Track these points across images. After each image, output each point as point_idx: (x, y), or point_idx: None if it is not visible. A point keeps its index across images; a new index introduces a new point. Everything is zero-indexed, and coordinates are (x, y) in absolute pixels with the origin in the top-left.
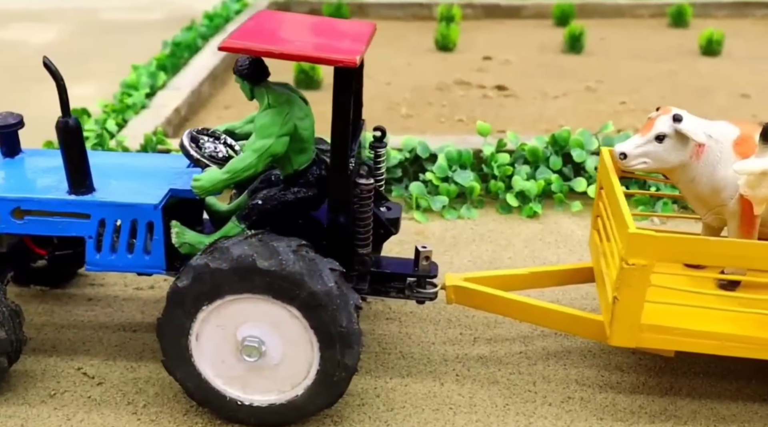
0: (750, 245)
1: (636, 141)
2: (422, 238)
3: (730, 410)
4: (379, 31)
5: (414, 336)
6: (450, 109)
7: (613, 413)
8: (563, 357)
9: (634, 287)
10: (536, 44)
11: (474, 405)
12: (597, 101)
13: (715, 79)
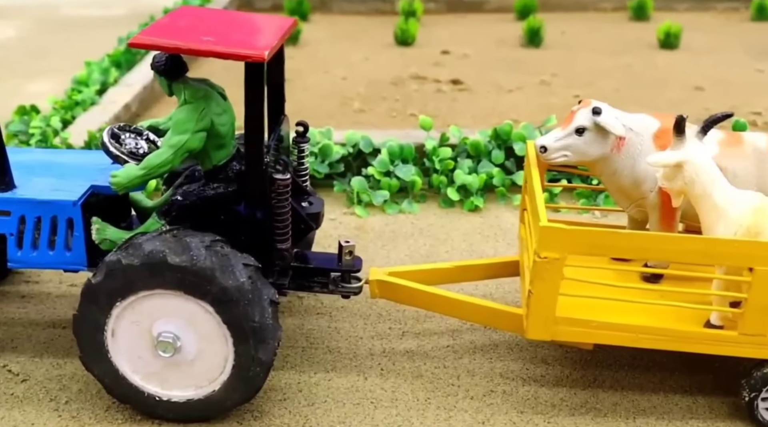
0: (659, 237)
1: (556, 134)
2: (361, 232)
3: (650, 401)
4: (340, 26)
5: (343, 331)
6: (403, 103)
7: (534, 406)
8: (490, 351)
9: (547, 281)
10: (496, 38)
11: (395, 399)
12: (550, 95)
13: (670, 72)
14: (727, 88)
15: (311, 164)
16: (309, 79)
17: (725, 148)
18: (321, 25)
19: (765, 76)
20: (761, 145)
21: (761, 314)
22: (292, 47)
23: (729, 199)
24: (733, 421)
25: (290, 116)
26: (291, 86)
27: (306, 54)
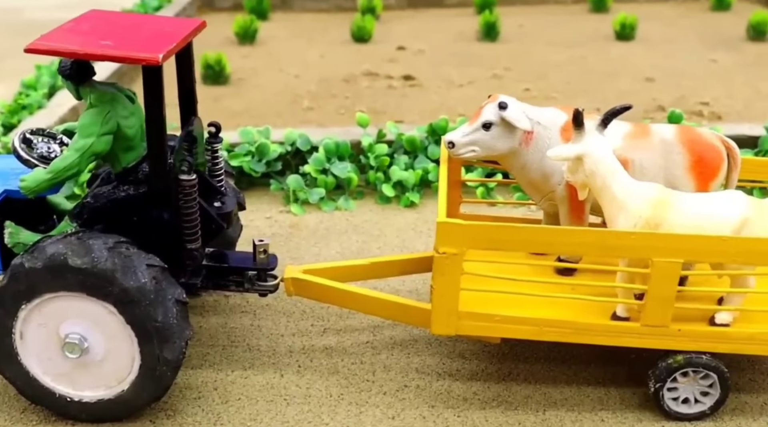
0: (555, 231)
1: (464, 130)
2: (295, 230)
3: (563, 394)
4: (300, 24)
5: (264, 329)
6: (352, 100)
7: (445, 401)
8: (408, 346)
9: (447, 276)
10: (453, 33)
11: (309, 396)
12: (501, 89)
13: (623, 63)
14: (678, 79)
15: (247, 163)
16: (262, 78)
17: (632, 140)
18: (281, 23)
19: (718, 66)
20: (668, 136)
21: (662, 305)
22: (249, 46)
23: (628, 192)
24: (642, 411)
25: (239, 115)
26: (243, 85)
27: (262, 52)
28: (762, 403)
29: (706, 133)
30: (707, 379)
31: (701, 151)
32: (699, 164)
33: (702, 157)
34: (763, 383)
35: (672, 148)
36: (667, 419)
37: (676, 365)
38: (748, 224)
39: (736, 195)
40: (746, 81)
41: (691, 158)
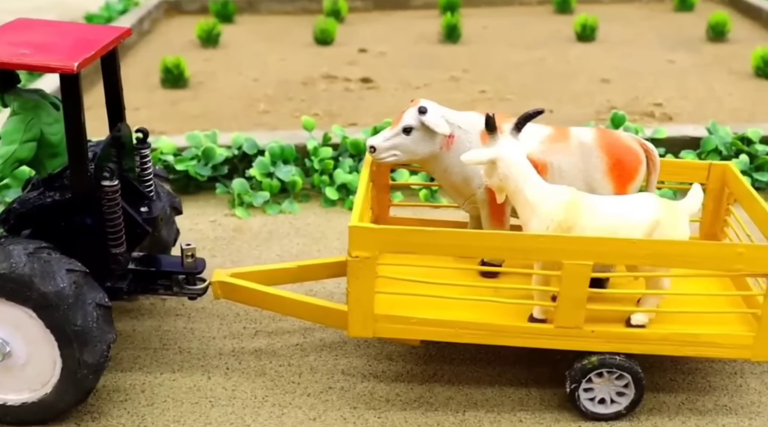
0: (465, 234)
1: (385, 134)
2: (238, 233)
3: (484, 395)
4: (265, 27)
5: (197, 331)
6: (308, 103)
7: (368, 402)
8: (337, 348)
9: (361, 279)
10: (416, 35)
11: (234, 398)
12: (457, 91)
13: (581, 64)
14: (634, 80)
15: (193, 167)
16: (221, 81)
17: (551, 143)
18: (246, 26)
19: (675, 66)
20: (587, 139)
21: (574, 307)
22: (211, 49)
23: (541, 195)
24: (560, 412)
25: (195, 119)
26: (202, 89)
27: (224, 56)
28: (680, 403)
29: (624, 136)
30: (622, 379)
31: (619, 155)
32: (617, 167)
33: (620, 160)
34: (683, 382)
35: (590, 151)
36: (584, 419)
37: (590, 366)
38: (660, 226)
39: (648, 198)
40: (701, 82)
41: (609, 161)
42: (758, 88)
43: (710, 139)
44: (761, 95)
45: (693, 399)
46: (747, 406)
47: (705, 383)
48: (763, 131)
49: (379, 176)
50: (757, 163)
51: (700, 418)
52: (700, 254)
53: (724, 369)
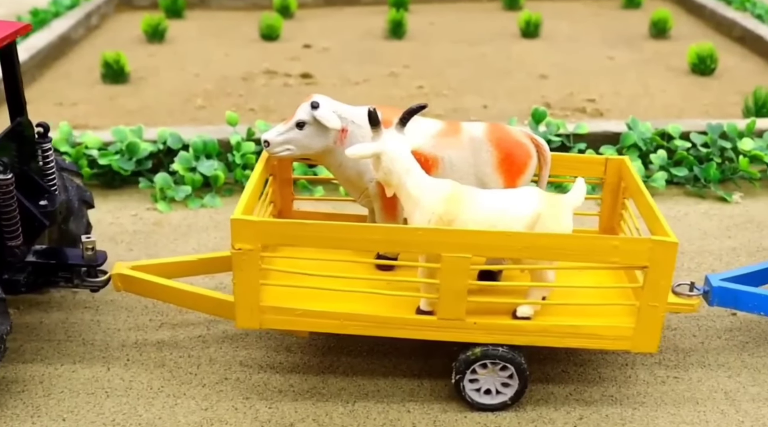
0: (344, 227)
1: (279, 129)
2: (158, 227)
3: (377, 386)
4: (214, 23)
5: (103, 323)
6: (246, 99)
7: (261, 393)
8: (238, 340)
9: (245, 271)
10: (362, 31)
11: (130, 388)
12: (395, 86)
13: (521, 61)
14: (571, 76)
15: (116, 162)
16: (162, 77)
17: (443, 138)
18: (195, 21)
19: (614, 63)
20: (477, 134)
21: (455, 299)
22: (157, 45)
23: (422, 189)
24: (449, 402)
25: (132, 114)
26: (142, 84)
27: (169, 51)
28: (568, 393)
29: (514, 131)
30: (506, 370)
31: (509, 149)
32: (506, 162)
33: (509, 155)
34: (573, 374)
35: (481, 145)
36: (470, 409)
37: (473, 357)
38: (541, 219)
39: (530, 191)
40: (637, 78)
41: (499, 156)
42: (692, 84)
43: (629, 134)
44: (693, 91)
45: (581, 390)
46: (633, 396)
47: (595, 374)
48: (684, 127)
49: (281, 170)
50: (676, 159)
51: (585, 408)
52: (576, 247)
53: (616, 360)
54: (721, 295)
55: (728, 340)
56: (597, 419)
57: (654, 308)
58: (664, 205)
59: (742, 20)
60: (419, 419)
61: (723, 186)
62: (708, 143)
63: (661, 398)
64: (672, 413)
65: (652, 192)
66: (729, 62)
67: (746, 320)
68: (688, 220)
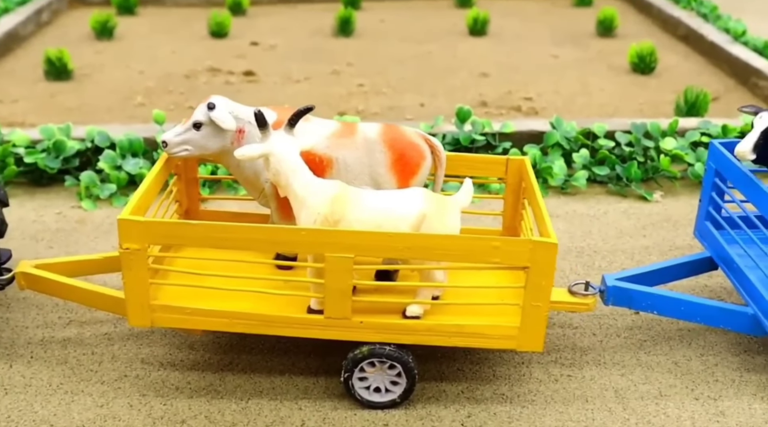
0: (227, 227)
1: (177, 130)
2: (80, 225)
3: (272, 383)
4: (165, 19)
5: (12, 321)
6: (186, 96)
7: (158, 390)
8: (143, 337)
9: (133, 270)
10: (312, 28)
11: (29, 385)
12: (336, 84)
13: (465, 59)
14: (512, 74)
15: (42, 160)
16: (106, 74)
17: (338, 139)
18: (147, 18)
19: (557, 61)
20: (371, 135)
21: (340, 298)
22: (106, 42)
23: (309, 189)
24: (341, 400)
25: (71, 112)
26: (85, 81)
27: (117, 48)
28: (460, 391)
29: (409, 132)
30: (394, 369)
31: (402, 150)
32: (399, 162)
33: (403, 155)
34: (468, 372)
35: (374, 146)
36: (361, 407)
37: (361, 355)
38: (427, 219)
39: (416, 192)
40: (578, 77)
41: (392, 156)
42: (631, 83)
43: (552, 133)
44: (631, 90)
45: (474, 388)
46: (524, 394)
47: (490, 372)
48: (611, 126)
49: (186, 170)
50: (598, 158)
51: (474, 406)
52: (457, 248)
53: (513, 359)
54: (616, 294)
55: (627, 338)
56: (485, 417)
57: (537, 308)
58: (585, 203)
59: (687, 19)
60: (309, 416)
61: (645, 185)
62: (632, 142)
63: (551, 397)
64: (560, 411)
65: (574, 191)
66: (671, 61)
67: (647, 319)
68: (607, 218)
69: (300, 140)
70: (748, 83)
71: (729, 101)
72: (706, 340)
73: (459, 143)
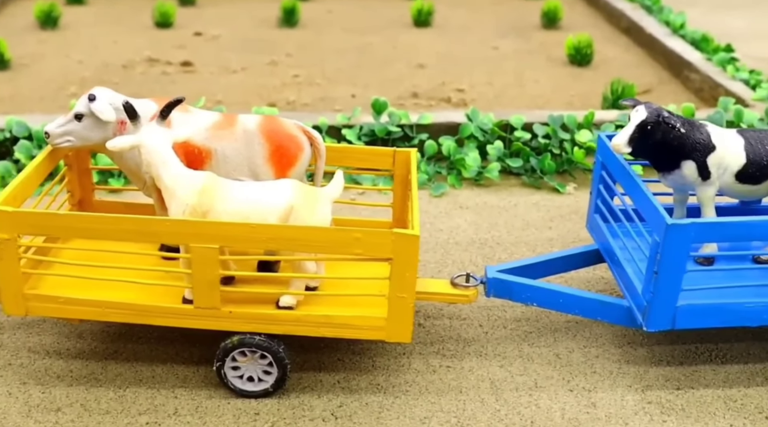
0: (95, 218)
1: (59, 121)
2: None
3: (153, 372)
4: (113, 9)
5: None
6: (119, 86)
7: (40, 378)
8: (35, 326)
9: (5, 260)
10: (259, 19)
11: None
12: (271, 75)
13: (405, 50)
14: (449, 66)
15: None
16: (45, 64)
17: (216, 130)
18: (94, 7)
19: (497, 53)
20: (250, 126)
21: (208, 288)
22: (50, 31)
23: (178, 181)
24: (217, 389)
25: (3, 102)
26: (24, 71)
27: (60, 38)
28: (336, 381)
29: (287, 124)
30: (265, 358)
31: (280, 141)
32: (277, 154)
33: (280, 147)
34: (348, 362)
35: (253, 138)
36: (236, 396)
37: (231, 345)
38: (295, 210)
39: (286, 184)
40: (515, 68)
41: (270, 148)
42: (567, 74)
43: (467, 125)
44: (565, 82)
45: (350, 378)
46: (399, 385)
47: (369, 362)
48: (535, 118)
49: (79, 160)
50: (513, 150)
51: (348, 396)
52: (320, 239)
53: (394, 350)
54: (496, 286)
55: (513, 330)
56: (356, 407)
57: (402, 299)
58: (498, 195)
59: (630, 11)
60: (183, 404)
61: (561, 177)
62: (549, 134)
63: (426, 387)
64: (432, 401)
65: (488, 183)
66: (610, 53)
67: (536, 312)
68: (516, 210)
69: (174, 132)
70: (681, 76)
71: (660, 94)
72: (591, 332)
73: (375, 135)
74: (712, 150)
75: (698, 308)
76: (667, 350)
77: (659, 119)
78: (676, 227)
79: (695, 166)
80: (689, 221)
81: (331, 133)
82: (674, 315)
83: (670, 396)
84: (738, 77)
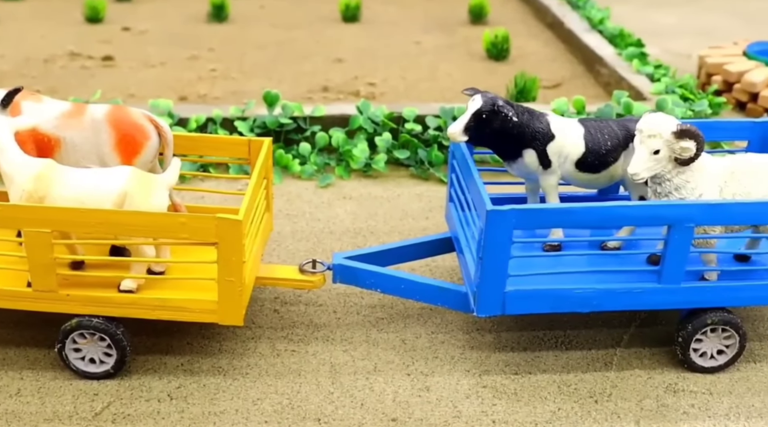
0: None
1: None
2: None
3: (6, 355)
4: (48, 4)
5: None
6: (37, 81)
7: None
8: None
9: None
10: (190, 14)
11: None
12: (189, 69)
13: (327, 45)
14: (367, 60)
15: None
16: None
17: (67, 119)
18: (32, 3)
19: (418, 48)
20: (98, 116)
21: (44, 271)
22: None
23: (15, 167)
24: (62, 371)
25: None
26: None
27: None
28: (180, 364)
29: (134, 113)
30: (104, 341)
31: (126, 130)
32: (123, 142)
33: (126, 135)
34: (196, 345)
35: (100, 126)
36: (78, 377)
37: (69, 327)
38: (129, 197)
39: (122, 171)
40: (431, 62)
41: (116, 136)
42: (482, 69)
43: (356, 117)
44: (479, 76)
45: (194, 361)
46: (241, 368)
47: (217, 346)
48: (419, 111)
49: None
50: (401, 142)
51: (187, 378)
52: (147, 224)
53: (244, 334)
54: (342, 272)
55: (366, 316)
56: (193, 388)
57: (230, 283)
58: (383, 186)
59: (555, 7)
60: (27, 385)
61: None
62: (441, 127)
63: (266, 370)
64: (269, 383)
65: (376, 174)
66: (530, 48)
67: (392, 299)
68: (398, 201)
69: (15, 120)
70: (594, 70)
71: (570, 88)
72: (443, 319)
73: (266, 127)
74: (552, 139)
75: (527, 293)
76: (513, 336)
77: (494, 108)
78: (495, 213)
79: (536, 154)
80: (509, 207)
81: (225, 125)
82: (503, 300)
83: (506, 380)
84: (643, 71)
